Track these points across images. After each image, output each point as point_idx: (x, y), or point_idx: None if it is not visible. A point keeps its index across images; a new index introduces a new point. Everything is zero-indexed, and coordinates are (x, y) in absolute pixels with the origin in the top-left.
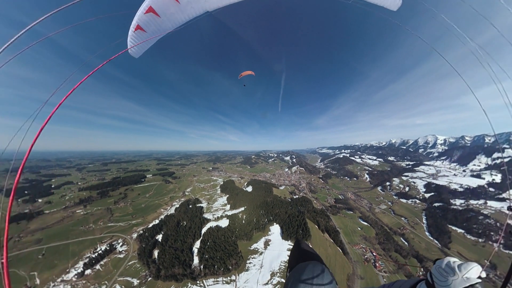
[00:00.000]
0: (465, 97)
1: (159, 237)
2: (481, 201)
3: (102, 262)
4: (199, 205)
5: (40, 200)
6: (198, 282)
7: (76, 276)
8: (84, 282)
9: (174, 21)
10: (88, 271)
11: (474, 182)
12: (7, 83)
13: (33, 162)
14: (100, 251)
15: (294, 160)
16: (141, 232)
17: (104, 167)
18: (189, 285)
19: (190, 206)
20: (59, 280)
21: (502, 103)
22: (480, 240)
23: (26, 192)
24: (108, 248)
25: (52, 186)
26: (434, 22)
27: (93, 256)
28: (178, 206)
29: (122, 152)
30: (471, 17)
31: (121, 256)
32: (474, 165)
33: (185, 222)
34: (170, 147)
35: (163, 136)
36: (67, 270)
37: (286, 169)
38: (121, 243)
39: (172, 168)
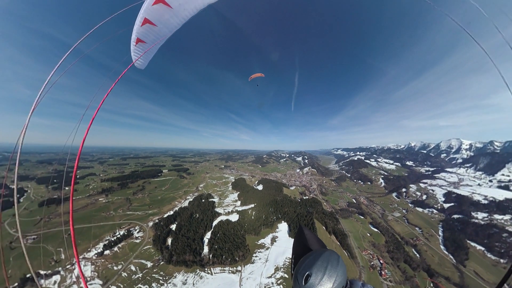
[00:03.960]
0: (496, 96)
1: (173, 227)
2: (507, 217)
3: (120, 245)
4: (211, 200)
5: (67, 188)
6: (206, 269)
7: (96, 255)
8: (103, 260)
9: (171, 26)
10: (107, 252)
11: (501, 194)
12: (46, 88)
13: (60, 155)
14: (119, 235)
15: (306, 161)
16: (157, 221)
17: (123, 161)
18: (198, 271)
19: (203, 201)
20: (81, 257)
21: None
22: (501, 260)
23: (55, 180)
24: (126, 233)
25: (77, 176)
26: (462, 8)
27: (112, 239)
28: (191, 199)
29: (140, 148)
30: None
31: (137, 241)
32: (503, 174)
33: (197, 215)
34: (184, 145)
35: (177, 134)
36: (89, 249)
37: (298, 170)
38: (138, 230)
39: (186, 165)
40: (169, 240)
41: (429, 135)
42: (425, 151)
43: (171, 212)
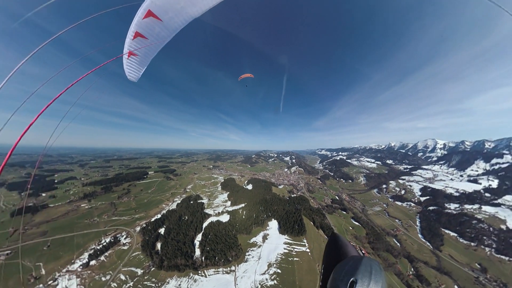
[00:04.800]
0: (468, 102)
1: (162, 231)
2: (476, 206)
3: (106, 254)
4: (200, 201)
5: (43, 194)
6: (199, 272)
7: (81, 267)
8: (89, 272)
9: (162, 38)
10: (93, 262)
11: (470, 187)
12: (11, 79)
13: (35, 157)
14: (105, 243)
15: (293, 160)
16: (144, 225)
17: (106, 163)
18: (191, 274)
19: (191, 202)
20: (64, 270)
21: (506, 107)
22: (472, 244)
23: (29, 186)
24: (112, 240)
25: (55, 181)
26: (439, 24)
27: (98, 247)
28: (179, 202)
29: (124, 149)
30: (475, 21)
31: (125, 248)
32: (472, 170)
33: (186, 217)
34: (170, 145)
35: (164, 134)
36: (72, 261)
37: (286, 169)
38: (124, 236)
39: (173, 166)
40: (159, 245)
41: (408, 136)
42: (403, 151)
43: (159, 216)
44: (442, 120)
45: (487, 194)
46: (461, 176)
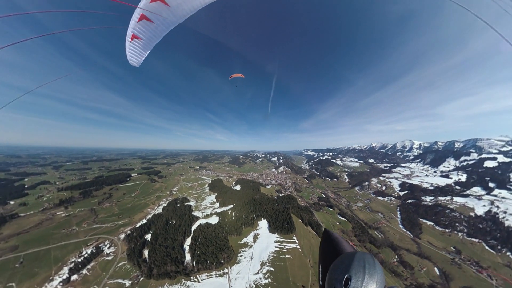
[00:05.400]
0: (440, 108)
1: (148, 237)
2: (448, 198)
3: (89, 266)
4: (188, 203)
5: (12, 202)
6: (191, 277)
7: (61, 284)
8: None
9: (168, 24)
10: (74, 277)
11: (443, 181)
12: None
13: (0, 158)
14: (86, 255)
15: (281, 161)
16: (129, 232)
17: (85, 165)
18: (183, 281)
19: (178, 205)
20: None
21: (471, 114)
22: (447, 230)
23: None
24: (94, 251)
25: (26, 186)
26: (419, 40)
27: (79, 260)
28: (165, 205)
29: (104, 150)
30: (448, 40)
31: (109, 258)
32: (444, 166)
33: (174, 221)
34: (155, 145)
35: (147, 133)
36: (51, 277)
37: (273, 169)
38: (108, 245)
39: (158, 167)
40: (146, 252)
41: (388, 137)
42: (384, 151)
43: (144, 221)
44: (418, 123)
45: (457, 187)
46: (435, 172)
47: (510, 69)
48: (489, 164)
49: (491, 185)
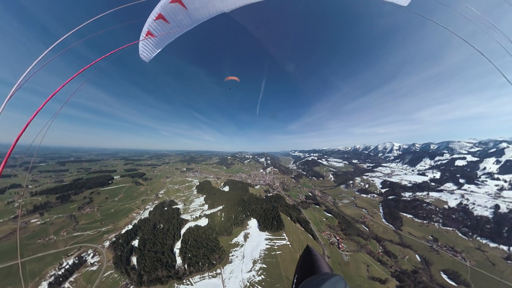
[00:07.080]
0: (418, 113)
1: (135, 243)
2: (425, 193)
3: (71, 279)
4: (175, 206)
5: None
6: (184, 281)
7: None
8: None
9: (183, 26)
10: None
11: (420, 179)
12: None
13: None
14: (67, 266)
15: (268, 161)
16: (114, 239)
17: (61, 166)
18: (176, 285)
19: (166, 208)
20: None
21: (445, 119)
22: (424, 221)
23: None
24: (76, 261)
25: None
26: (402, 51)
27: (59, 273)
28: (152, 209)
29: (82, 149)
30: (427, 53)
31: (94, 268)
32: (421, 166)
33: (162, 225)
34: (139, 145)
35: (131, 132)
36: None
37: (261, 170)
38: (91, 254)
39: (142, 169)
40: (134, 259)
41: (370, 139)
42: (366, 152)
43: (130, 226)
44: (398, 127)
45: (432, 183)
46: (413, 171)
47: (479, 81)
48: (459, 163)
49: (461, 181)
